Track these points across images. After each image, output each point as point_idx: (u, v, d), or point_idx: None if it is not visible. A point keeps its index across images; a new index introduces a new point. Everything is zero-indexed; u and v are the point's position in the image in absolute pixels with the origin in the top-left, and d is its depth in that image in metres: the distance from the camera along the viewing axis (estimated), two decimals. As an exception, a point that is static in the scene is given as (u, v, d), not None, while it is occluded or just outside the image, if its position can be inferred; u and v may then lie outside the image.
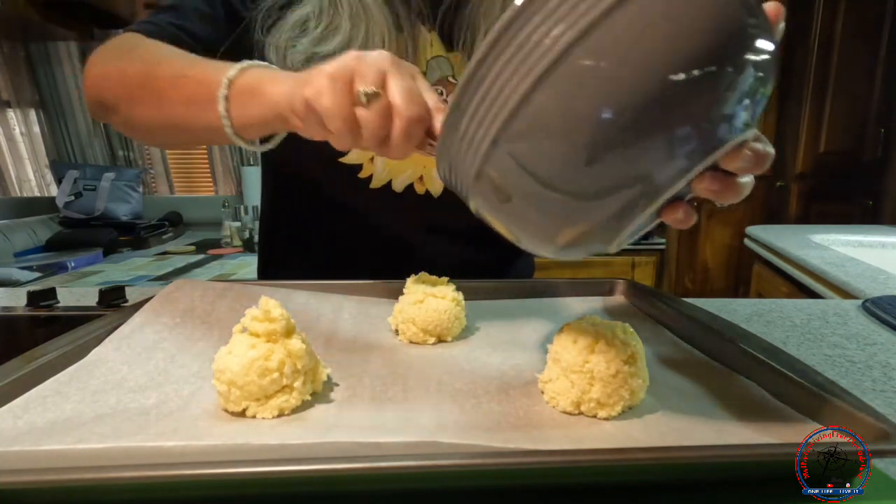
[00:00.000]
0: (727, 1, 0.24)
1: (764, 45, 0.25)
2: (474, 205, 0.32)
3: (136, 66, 0.48)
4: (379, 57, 0.35)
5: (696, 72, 0.24)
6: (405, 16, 0.56)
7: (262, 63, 0.42)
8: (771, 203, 2.28)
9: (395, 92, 0.34)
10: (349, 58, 0.35)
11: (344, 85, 0.34)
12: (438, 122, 0.34)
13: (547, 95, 0.25)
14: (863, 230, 1.69)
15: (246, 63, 0.41)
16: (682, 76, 0.24)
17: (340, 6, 0.53)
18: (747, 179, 0.29)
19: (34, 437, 0.28)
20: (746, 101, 0.26)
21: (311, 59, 0.53)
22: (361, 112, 0.34)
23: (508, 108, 0.26)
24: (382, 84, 0.34)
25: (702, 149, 0.26)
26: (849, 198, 2.23)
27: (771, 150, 0.28)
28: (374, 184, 0.60)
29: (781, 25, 0.28)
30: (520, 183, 0.28)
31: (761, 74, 0.25)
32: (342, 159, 0.59)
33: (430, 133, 0.35)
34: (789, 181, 2.25)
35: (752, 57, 0.25)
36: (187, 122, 0.45)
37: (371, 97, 0.33)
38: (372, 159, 0.60)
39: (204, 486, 0.24)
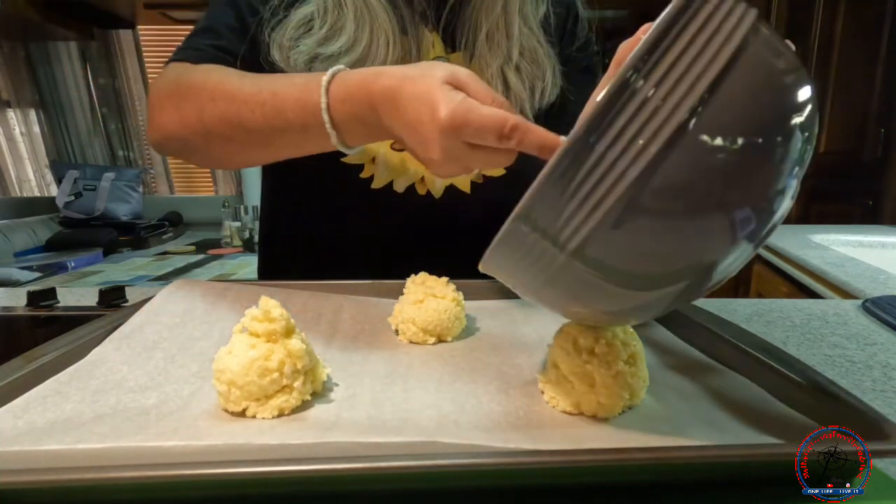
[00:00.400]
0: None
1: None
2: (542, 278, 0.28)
3: (216, 110, 0.48)
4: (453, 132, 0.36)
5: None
6: (409, 17, 0.56)
7: (337, 71, 0.42)
8: (771, 203, 2.28)
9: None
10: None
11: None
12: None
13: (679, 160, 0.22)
14: (863, 230, 1.69)
15: (324, 83, 0.42)
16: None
17: (345, 7, 0.53)
18: None
19: (34, 437, 0.28)
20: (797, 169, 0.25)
21: (314, 59, 0.53)
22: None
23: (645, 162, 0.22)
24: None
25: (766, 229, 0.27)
26: (849, 198, 2.23)
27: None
28: (376, 184, 0.60)
29: None
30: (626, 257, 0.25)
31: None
32: (344, 159, 0.59)
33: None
34: (789, 181, 2.24)
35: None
36: (289, 151, 0.49)
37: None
38: (373, 160, 0.60)
39: (204, 486, 0.24)
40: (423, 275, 0.48)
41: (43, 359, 0.36)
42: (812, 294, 1.20)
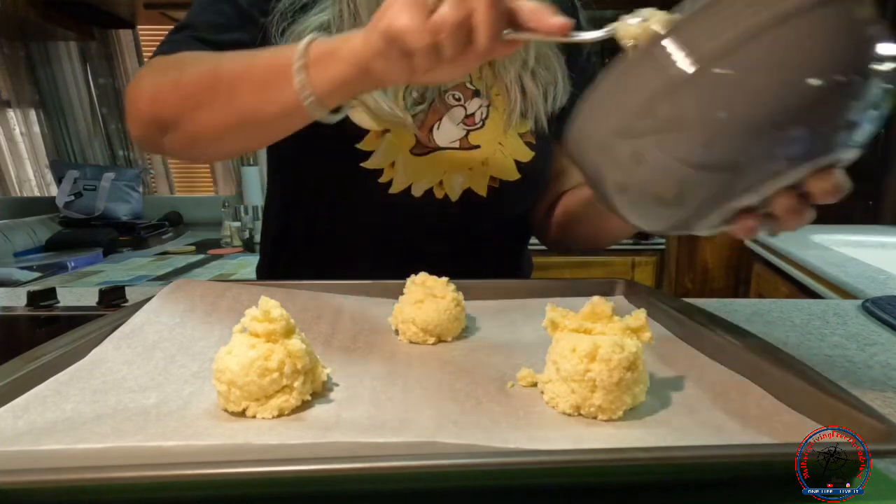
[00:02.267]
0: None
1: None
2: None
3: (194, 71, 0.47)
4: None
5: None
6: None
7: (314, 39, 0.41)
8: (771, 203, 2.28)
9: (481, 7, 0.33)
10: None
11: (422, 6, 0.33)
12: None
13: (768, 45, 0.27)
14: (863, 230, 1.70)
15: (311, 35, 0.40)
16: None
17: (360, 15, 0.54)
18: (811, 214, 0.32)
19: (34, 437, 0.28)
20: (871, 113, 0.29)
21: None
22: (440, 13, 0.33)
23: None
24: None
25: (816, 150, 0.29)
26: (849, 198, 2.22)
27: (849, 183, 0.30)
28: (394, 188, 0.60)
29: None
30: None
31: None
32: (364, 164, 0.59)
33: (511, 21, 0.35)
34: (789, 181, 2.24)
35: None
36: (261, 112, 0.44)
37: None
38: (392, 164, 0.59)
39: (204, 486, 0.24)
40: (423, 275, 0.48)
41: (43, 359, 0.36)
42: (812, 294, 1.20)
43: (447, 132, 0.60)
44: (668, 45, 0.28)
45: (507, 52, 0.37)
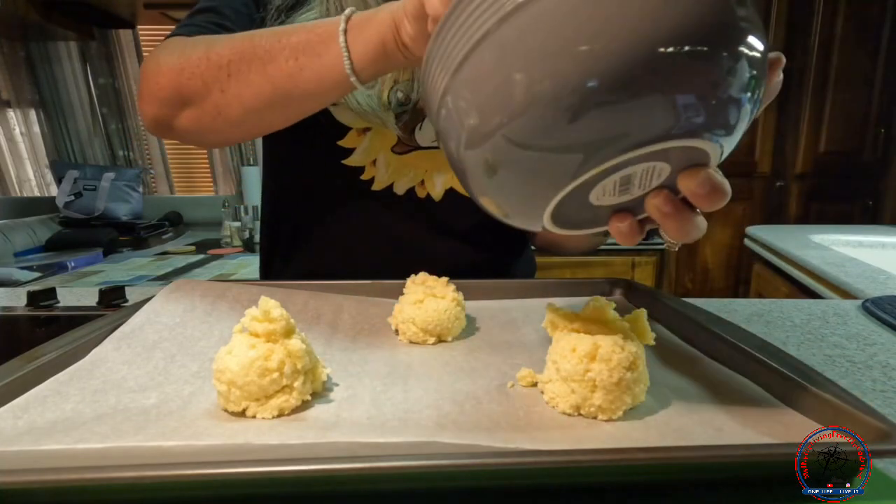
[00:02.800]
0: None
1: (755, 43, 0.24)
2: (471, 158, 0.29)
3: (228, 42, 0.46)
4: None
5: (682, 48, 0.22)
6: None
7: (353, 11, 0.41)
8: (771, 203, 2.28)
9: None
10: None
11: None
12: None
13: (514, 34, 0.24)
14: (863, 230, 1.70)
15: (352, 7, 0.41)
16: (665, 49, 0.22)
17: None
18: (700, 220, 0.29)
19: (34, 437, 0.28)
20: (733, 97, 0.24)
21: None
22: None
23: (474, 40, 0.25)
24: None
25: (660, 130, 0.24)
26: (849, 198, 2.23)
27: (728, 188, 0.27)
28: (376, 186, 0.60)
29: (779, 77, 0.29)
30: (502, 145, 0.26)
31: (751, 73, 0.24)
32: (346, 161, 0.59)
33: None
34: (789, 181, 2.25)
35: (742, 51, 0.24)
36: (298, 80, 0.43)
37: None
38: (374, 162, 0.60)
39: (204, 486, 0.24)
40: (423, 275, 0.48)
41: (43, 359, 0.36)
42: (812, 294, 1.20)
43: (430, 132, 0.60)
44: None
45: None
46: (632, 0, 0.22)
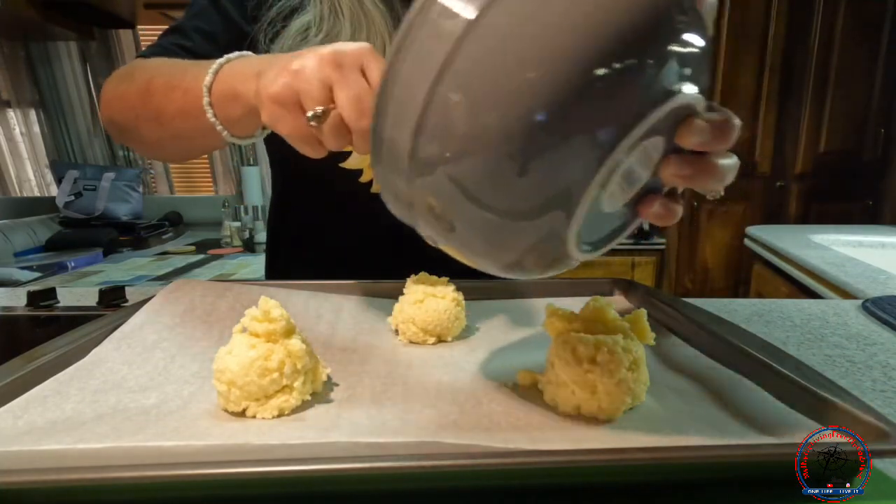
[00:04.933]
0: None
1: (690, 38, 0.23)
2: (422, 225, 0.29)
3: (135, 86, 0.49)
4: (321, 64, 0.33)
5: (604, 69, 0.21)
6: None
7: (237, 55, 0.41)
8: (771, 203, 2.28)
9: (344, 105, 0.32)
10: (292, 71, 0.33)
11: (293, 108, 0.33)
12: None
13: (451, 89, 0.22)
14: (863, 230, 1.70)
15: (222, 60, 0.41)
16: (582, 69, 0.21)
17: (341, 13, 0.54)
18: (725, 160, 0.27)
19: (34, 437, 0.28)
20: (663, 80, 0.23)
21: None
22: (317, 130, 0.33)
23: (417, 107, 0.23)
24: (331, 96, 0.32)
25: (605, 139, 0.22)
26: (849, 198, 2.23)
27: (732, 119, 0.25)
28: (375, 188, 0.60)
29: (711, 2, 0.26)
30: (454, 202, 0.25)
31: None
32: (342, 164, 0.59)
33: None
34: (789, 181, 2.25)
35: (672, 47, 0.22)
36: (187, 132, 0.45)
37: (320, 118, 0.32)
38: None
39: (204, 486, 0.24)
40: (423, 275, 0.48)
41: (43, 359, 0.36)
42: (812, 294, 1.20)
43: None
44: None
45: None
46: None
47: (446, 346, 0.45)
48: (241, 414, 0.33)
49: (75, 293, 0.67)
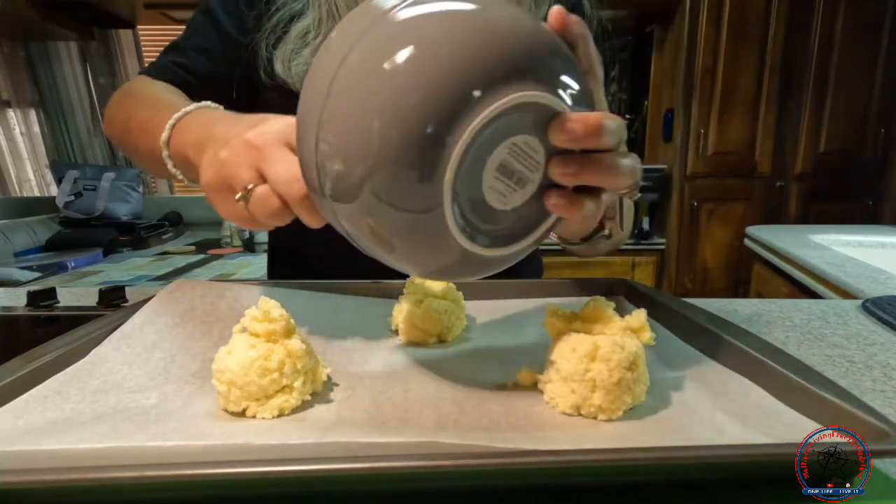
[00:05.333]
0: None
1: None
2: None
3: (121, 118, 0.54)
4: (246, 149, 0.35)
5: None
6: None
7: (193, 108, 0.44)
8: (771, 203, 2.28)
9: (273, 179, 0.33)
10: (220, 161, 0.35)
11: (226, 193, 0.35)
12: None
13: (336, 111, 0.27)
14: (863, 230, 1.70)
15: (178, 114, 0.43)
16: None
17: (339, 16, 0.55)
18: (621, 160, 0.29)
19: (34, 437, 0.28)
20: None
21: None
22: (250, 209, 0.34)
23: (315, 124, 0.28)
24: (260, 176, 0.34)
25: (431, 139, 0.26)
26: (849, 198, 2.23)
27: (602, 118, 0.28)
28: None
29: (577, 30, 0.30)
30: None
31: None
32: None
33: None
34: (789, 181, 2.25)
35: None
36: (160, 171, 0.46)
37: (246, 197, 0.34)
38: None
39: (204, 486, 0.24)
40: (423, 275, 0.48)
41: (43, 359, 0.36)
42: (812, 294, 1.20)
43: None
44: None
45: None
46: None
47: (446, 346, 0.45)
48: (241, 414, 0.33)
49: (75, 293, 0.67)
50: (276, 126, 0.35)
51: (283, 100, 0.57)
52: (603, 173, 0.29)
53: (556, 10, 0.29)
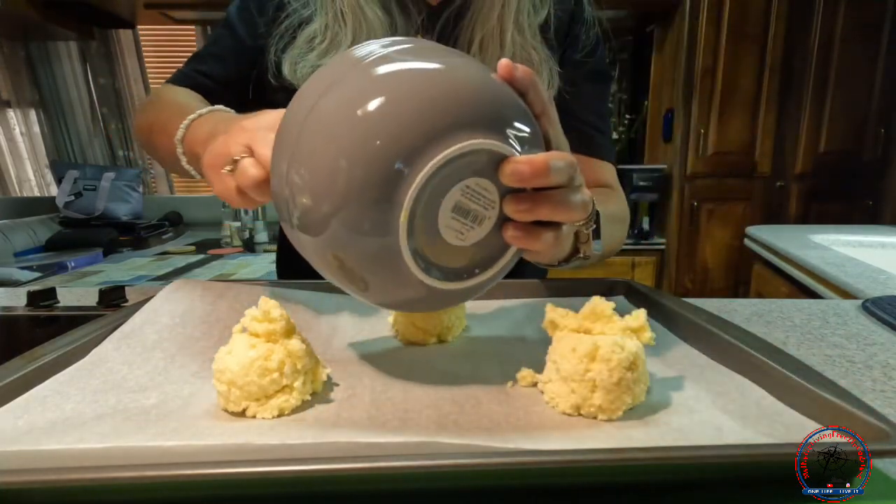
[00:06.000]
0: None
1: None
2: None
3: (146, 122, 0.59)
4: (241, 132, 0.39)
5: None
6: (404, 27, 0.58)
7: (207, 111, 0.48)
8: (771, 203, 2.28)
9: (260, 155, 0.37)
10: (220, 142, 0.39)
11: (219, 170, 0.39)
12: None
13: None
14: (863, 230, 1.70)
15: (193, 115, 0.48)
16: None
17: (344, 22, 0.58)
18: (572, 196, 0.32)
19: (34, 437, 0.28)
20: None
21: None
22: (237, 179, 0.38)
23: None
24: (249, 151, 0.38)
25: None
26: (849, 198, 2.23)
27: (549, 159, 0.30)
28: None
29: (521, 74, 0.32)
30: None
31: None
32: None
33: None
34: (789, 181, 2.25)
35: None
36: (178, 170, 0.51)
37: (232, 168, 0.37)
38: None
39: (204, 486, 0.24)
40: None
41: (43, 359, 0.36)
42: (812, 294, 1.20)
43: None
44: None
45: None
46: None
47: (446, 346, 0.45)
48: (241, 414, 0.33)
49: (75, 293, 0.67)
50: (269, 117, 0.39)
51: (289, 100, 0.59)
52: (554, 208, 0.31)
53: (504, 62, 0.32)
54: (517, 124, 0.31)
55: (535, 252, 0.35)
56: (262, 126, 0.38)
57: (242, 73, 0.65)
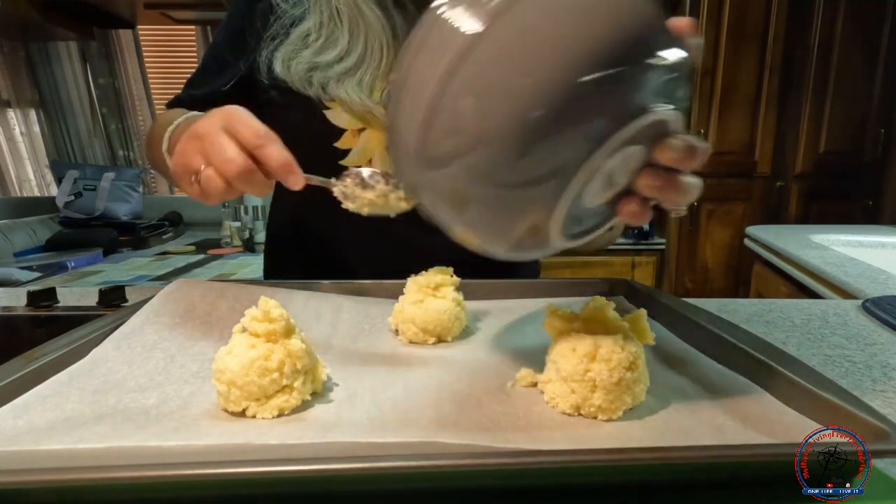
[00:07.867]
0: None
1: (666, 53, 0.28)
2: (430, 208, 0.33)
3: (147, 141, 0.62)
4: (194, 142, 0.40)
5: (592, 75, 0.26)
6: (401, 24, 0.58)
7: (183, 119, 0.51)
8: (771, 203, 2.28)
9: (216, 165, 0.39)
10: (178, 153, 0.41)
11: (186, 179, 0.41)
12: (270, 151, 0.39)
13: (459, 87, 0.26)
14: (863, 230, 1.70)
15: (172, 126, 0.50)
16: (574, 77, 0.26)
17: (340, 20, 0.57)
18: (691, 180, 0.31)
19: (34, 437, 0.28)
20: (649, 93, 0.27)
21: (314, 69, 0.58)
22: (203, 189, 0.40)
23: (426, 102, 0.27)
24: (206, 160, 0.40)
25: (598, 134, 0.27)
26: (849, 198, 2.23)
27: (702, 144, 0.30)
28: (349, 160, 0.62)
29: (696, 41, 0.31)
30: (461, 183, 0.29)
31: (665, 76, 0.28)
32: (342, 161, 0.60)
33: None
34: (789, 181, 2.25)
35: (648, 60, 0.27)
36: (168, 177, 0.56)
37: (199, 180, 0.40)
38: (370, 162, 0.60)
39: (204, 486, 0.24)
40: (423, 275, 0.48)
41: (43, 359, 0.36)
42: (812, 294, 1.20)
43: None
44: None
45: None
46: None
47: (446, 346, 0.45)
48: (241, 414, 0.33)
49: (75, 293, 0.67)
50: (216, 117, 0.40)
51: (282, 97, 0.59)
52: (678, 191, 0.31)
53: (689, 20, 0.30)
54: (683, 94, 0.30)
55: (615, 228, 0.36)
56: (212, 131, 0.39)
57: (236, 91, 0.64)
